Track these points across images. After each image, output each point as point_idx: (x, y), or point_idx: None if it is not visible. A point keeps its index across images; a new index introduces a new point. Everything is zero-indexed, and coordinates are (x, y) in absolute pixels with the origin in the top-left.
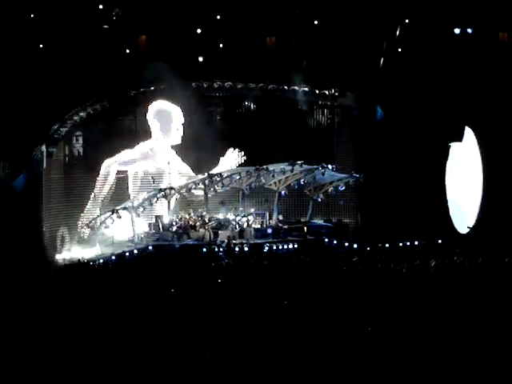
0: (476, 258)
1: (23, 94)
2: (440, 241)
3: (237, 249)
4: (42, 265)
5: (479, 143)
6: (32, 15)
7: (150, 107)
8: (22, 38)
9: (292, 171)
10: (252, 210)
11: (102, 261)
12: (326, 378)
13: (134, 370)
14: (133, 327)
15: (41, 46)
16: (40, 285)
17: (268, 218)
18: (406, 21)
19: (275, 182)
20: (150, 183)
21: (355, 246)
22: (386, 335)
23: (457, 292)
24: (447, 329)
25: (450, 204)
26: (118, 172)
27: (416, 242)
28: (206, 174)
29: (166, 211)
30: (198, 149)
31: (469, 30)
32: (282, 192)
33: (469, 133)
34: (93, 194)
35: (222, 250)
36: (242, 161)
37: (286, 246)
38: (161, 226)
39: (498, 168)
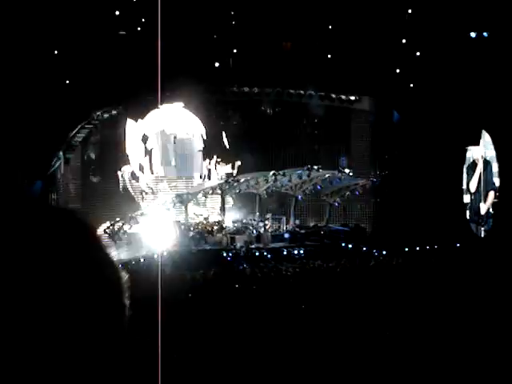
0: (492, 260)
1: (40, 101)
2: (458, 244)
3: (257, 253)
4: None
5: (495, 146)
6: (49, 21)
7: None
8: (37, 45)
9: (309, 176)
10: (269, 215)
11: (119, 266)
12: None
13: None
14: (147, 333)
15: (56, 52)
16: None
17: (285, 222)
18: (424, 25)
19: (292, 187)
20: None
21: (373, 250)
22: (402, 339)
23: (472, 296)
24: (462, 334)
25: (467, 207)
26: None
27: (435, 246)
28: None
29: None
30: (216, 153)
31: (485, 34)
32: (299, 196)
33: (484, 136)
34: None
35: (240, 254)
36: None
37: (303, 251)
38: (178, 231)
39: None
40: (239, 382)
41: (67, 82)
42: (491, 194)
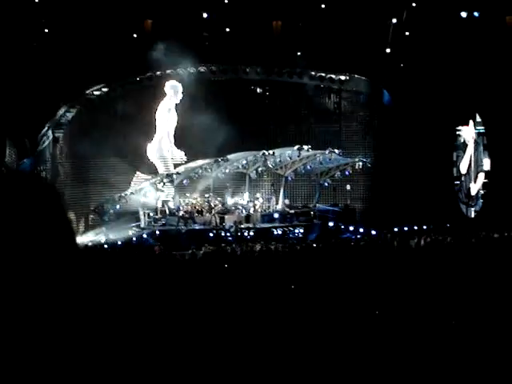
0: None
1: (29, 79)
2: (448, 225)
3: (245, 234)
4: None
5: (485, 127)
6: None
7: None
8: (27, 23)
9: (299, 156)
10: (258, 195)
11: (106, 246)
12: (334, 367)
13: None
14: (136, 314)
15: (46, 30)
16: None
17: (274, 202)
18: (413, 4)
19: (282, 167)
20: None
21: (361, 229)
22: (393, 319)
23: (462, 276)
24: (454, 314)
25: (457, 188)
26: None
27: (424, 226)
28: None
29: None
30: (202, 132)
31: (475, 14)
32: (289, 177)
33: (476, 117)
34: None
35: (229, 234)
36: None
37: (292, 231)
38: (167, 211)
39: (504, 152)
40: (228, 365)
41: (57, 59)
42: (481, 175)
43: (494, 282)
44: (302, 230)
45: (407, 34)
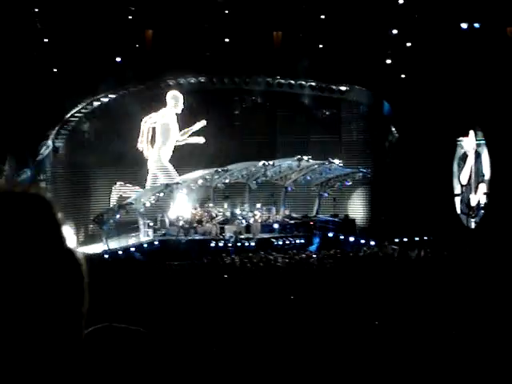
0: (483, 252)
1: (29, 90)
2: (447, 236)
3: (245, 244)
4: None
5: (486, 138)
6: (37, 9)
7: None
8: (27, 32)
9: (299, 166)
10: (258, 205)
11: (107, 256)
12: (332, 373)
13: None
14: (135, 323)
15: (46, 40)
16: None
17: (274, 213)
18: (414, 15)
19: (282, 177)
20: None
21: (362, 241)
22: (392, 329)
23: (464, 286)
24: (453, 323)
25: (457, 199)
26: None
27: (424, 238)
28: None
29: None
30: (203, 143)
31: (476, 25)
32: (289, 187)
33: (476, 128)
34: None
35: (229, 244)
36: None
37: (292, 241)
38: (167, 221)
39: (504, 163)
40: (226, 373)
41: (55, 70)
42: (482, 186)
43: (493, 292)
44: (302, 241)
45: (408, 44)
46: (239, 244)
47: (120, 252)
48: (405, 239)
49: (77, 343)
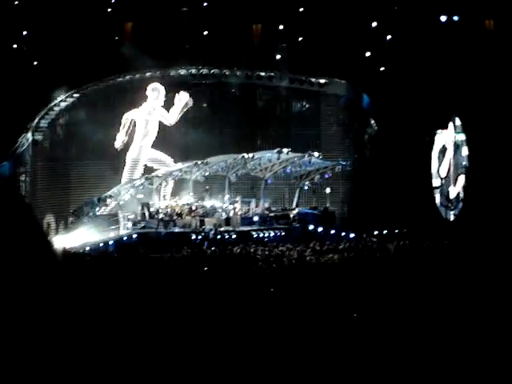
0: (461, 244)
1: (9, 83)
2: (426, 228)
3: (225, 236)
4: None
5: (464, 130)
6: (16, 2)
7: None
8: (7, 25)
9: (278, 159)
10: (238, 198)
11: (88, 248)
12: (316, 368)
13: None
14: (116, 317)
15: (25, 32)
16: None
17: (254, 205)
18: (394, 8)
19: (262, 170)
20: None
21: (342, 233)
22: (371, 321)
23: (441, 278)
24: (433, 314)
25: (436, 191)
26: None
27: (403, 230)
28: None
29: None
30: (183, 134)
31: (455, 18)
32: (269, 180)
33: (454, 120)
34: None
35: (209, 237)
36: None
37: (272, 234)
38: (147, 214)
39: (482, 155)
40: (207, 365)
41: (35, 63)
42: (461, 178)
43: (472, 283)
44: (282, 233)
45: (387, 37)
46: (219, 236)
47: (100, 245)
48: (384, 231)
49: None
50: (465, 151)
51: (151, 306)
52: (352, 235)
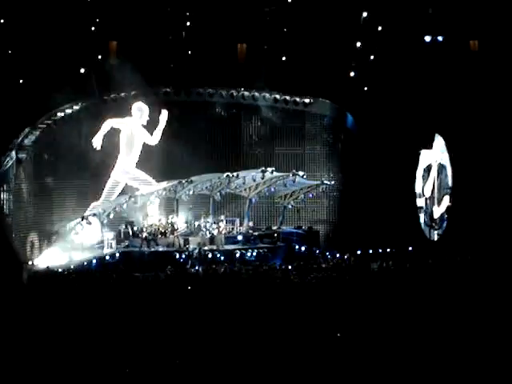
0: (445, 264)
1: None
2: (411, 248)
3: (209, 255)
4: (12, 271)
5: (448, 150)
6: (1, 20)
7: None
8: None
9: (263, 178)
10: (222, 217)
11: (72, 267)
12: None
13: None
14: (99, 335)
15: (9, 51)
16: (9, 291)
17: (238, 224)
18: (378, 28)
19: (246, 189)
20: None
21: (326, 253)
22: (354, 340)
23: (424, 297)
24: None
25: (420, 211)
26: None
27: (387, 250)
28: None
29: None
30: (166, 154)
31: (439, 38)
32: (253, 199)
33: (438, 140)
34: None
35: (193, 256)
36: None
37: (256, 253)
38: (130, 233)
39: (466, 174)
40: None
41: (22, 80)
42: (446, 198)
43: (455, 303)
44: (266, 252)
45: (371, 57)
46: (203, 256)
47: (84, 263)
48: (369, 251)
49: None
50: (449, 171)
51: (135, 325)
52: (337, 255)
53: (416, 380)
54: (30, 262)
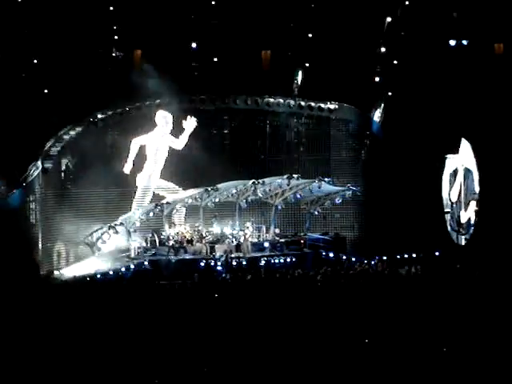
0: (473, 269)
1: (19, 110)
2: (438, 253)
3: (234, 263)
4: (37, 282)
5: (475, 154)
6: (26, 31)
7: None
8: (17, 54)
9: (288, 185)
10: (248, 224)
11: (99, 276)
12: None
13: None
14: (130, 343)
15: (35, 61)
16: (33, 301)
17: (265, 231)
18: (402, 33)
19: (272, 196)
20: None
21: (353, 259)
22: (383, 346)
23: (453, 303)
24: (444, 339)
25: (447, 216)
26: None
27: (414, 255)
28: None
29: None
30: (192, 162)
31: (464, 42)
32: (279, 206)
33: (464, 144)
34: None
35: (219, 264)
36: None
37: (283, 260)
38: (157, 241)
39: (493, 179)
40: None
41: (46, 91)
42: (472, 204)
43: (484, 308)
44: (293, 259)
45: (395, 62)
46: (229, 263)
47: (111, 272)
48: (397, 256)
49: None
50: (475, 176)
51: (161, 333)
52: (364, 261)
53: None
54: (56, 272)
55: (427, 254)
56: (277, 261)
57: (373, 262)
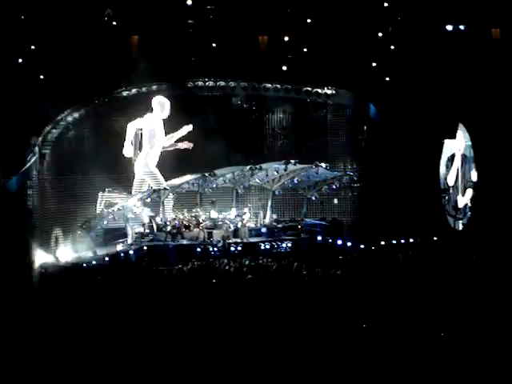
0: (470, 254)
1: (15, 96)
2: (435, 238)
3: (232, 248)
4: (32, 267)
5: (472, 139)
6: (23, 16)
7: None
8: (13, 40)
9: (286, 170)
10: (246, 210)
11: (94, 262)
12: (324, 377)
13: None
14: (126, 330)
15: (32, 47)
16: (28, 287)
17: (262, 217)
18: (399, 18)
19: (269, 181)
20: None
21: (349, 244)
22: (380, 332)
23: (451, 288)
24: (442, 325)
25: (443, 201)
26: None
27: (411, 240)
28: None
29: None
30: (191, 147)
31: (461, 27)
32: (276, 191)
33: (462, 129)
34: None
35: (217, 249)
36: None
37: (280, 245)
38: (155, 227)
39: (490, 164)
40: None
41: (41, 77)
42: (470, 190)
43: (481, 293)
44: (289, 245)
45: (393, 47)
46: (227, 248)
47: (107, 258)
48: (393, 241)
49: None
50: (472, 164)
51: (158, 319)
52: (361, 246)
53: (445, 373)
54: (53, 257)
55: (425, 239)
56: (274, 246)
57: (370, 247)
